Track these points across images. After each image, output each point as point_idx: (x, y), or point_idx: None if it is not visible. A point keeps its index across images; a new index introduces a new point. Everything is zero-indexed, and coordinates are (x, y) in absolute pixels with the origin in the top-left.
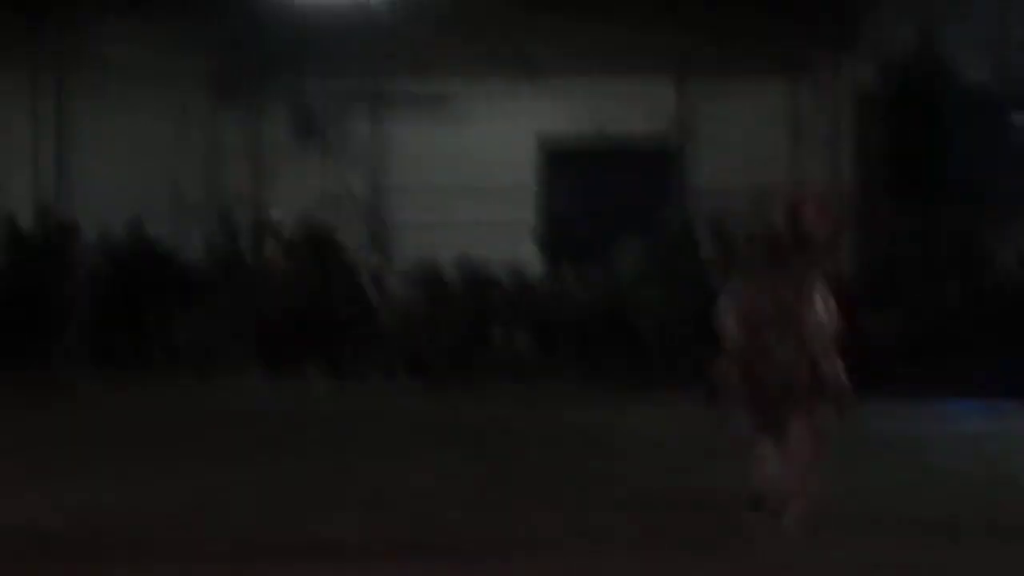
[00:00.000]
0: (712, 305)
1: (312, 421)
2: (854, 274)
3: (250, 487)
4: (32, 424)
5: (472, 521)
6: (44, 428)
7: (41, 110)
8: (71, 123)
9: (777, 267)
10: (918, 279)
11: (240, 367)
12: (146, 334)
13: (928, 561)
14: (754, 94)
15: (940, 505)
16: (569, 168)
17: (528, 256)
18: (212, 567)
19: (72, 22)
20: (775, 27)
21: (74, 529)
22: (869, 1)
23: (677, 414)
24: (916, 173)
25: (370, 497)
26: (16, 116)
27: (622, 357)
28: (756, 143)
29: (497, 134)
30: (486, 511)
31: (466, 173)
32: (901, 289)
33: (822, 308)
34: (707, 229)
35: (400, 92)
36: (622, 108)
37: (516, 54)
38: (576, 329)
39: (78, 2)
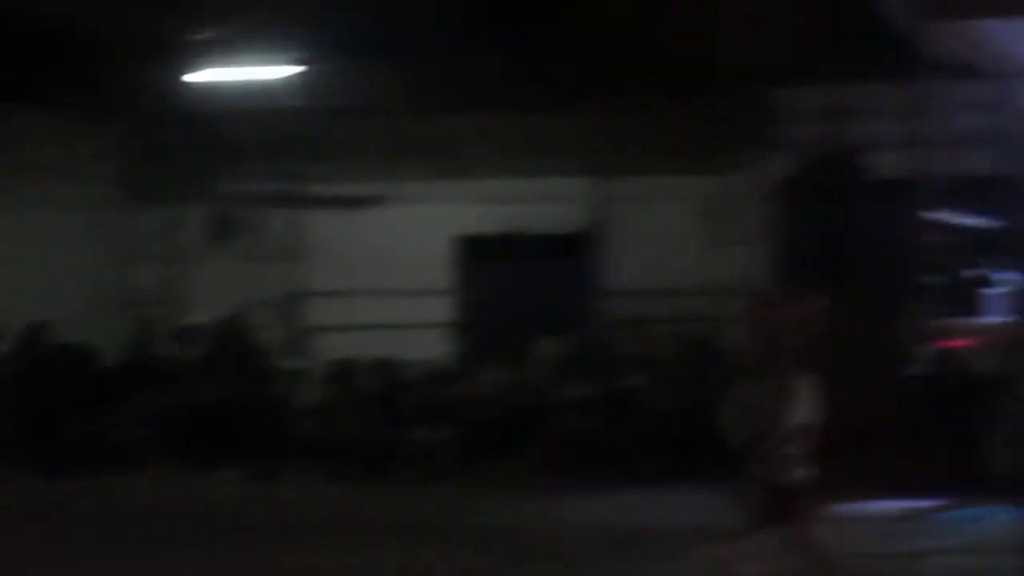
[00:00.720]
0: (629, 402)
1: (232, 519)
2: None
3: None
4: None
5: None
6: None
7: None
8: None
9: (767, 370)
10: (838, 373)
11: (158, 468)
12: (62, 437)
13: None
14: (672, 192)
15: None
16: (487, 267)
17: (447, 356)
18: None
19: None
20: (693, 124)
21: None
22: (788, 98)
23: (600, 509)
24: (828, 265)
25: None
26: None
27: (541, 454)
28: (675, 240)
29: (415, 234)
30: None
31: (385, 274)
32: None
33: (805, 409)
34: (626, 327)
35: (318, 194)
36: (540, 207)
37: (434, 154)
38: (495, 428)
39: None
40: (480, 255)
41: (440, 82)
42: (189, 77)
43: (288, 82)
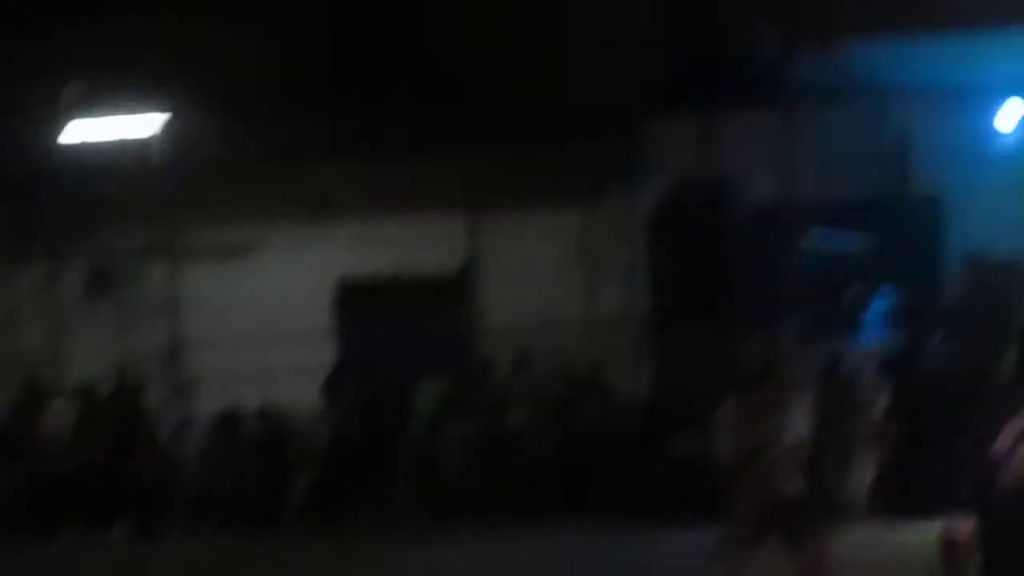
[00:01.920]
0: (514, 440)
1: None
2: (654, 403)
3: None
4: None
5: None
6: None
7: None
8: None
9: (757, 393)
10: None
11: (44, 531)
12: None
13: None
14: (547, 227)
15: None
16: (367, 310)
17: (329, 401)
18: None
19: None
20: (564, 159)
21: None
22: (659, 129)
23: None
24: (705, 296)
25: None
26: None
27: (427, 497)
28: (551, 277)
29: (294, 279)
30: None
31: (266, 320)
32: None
33: (800, 426)
34: (509, 365)
35: (195, 242)
36: (417, 248)
37: (310, 199)
38: (378, 472)
39: None
40: (359, 299)
41: (311, 128)
42: (58, 134)
43: (157, 134)
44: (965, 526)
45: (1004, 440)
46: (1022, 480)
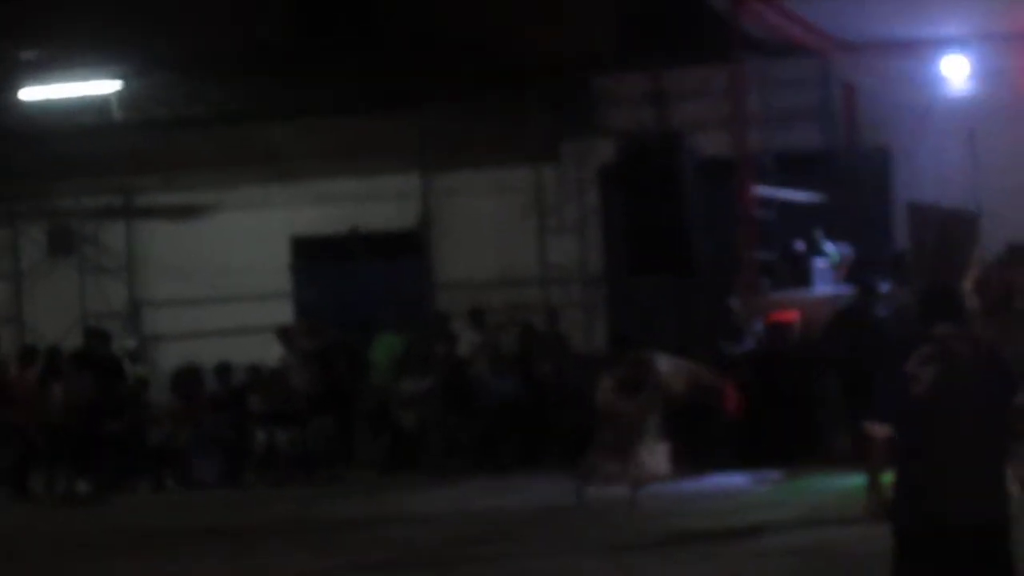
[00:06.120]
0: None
1: (84, 534)
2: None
3: None
4: None
5: None
6: None
7: None
8: None
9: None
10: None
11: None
12: None
13: None
14: (501, 183)
15: None
16: (323, 267)
17: (288, 357)
18: None
19: None
20: (516, 116)
21: None
22: (608, 84)
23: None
24: (659, 248)
25: None
26: None
27: (386, 447)
28: (506, 232)
29: (251, 239)
30: None
31: (224, 280)
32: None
33: None
34: (465, 319)
35: (152, 204)
36: (372, 205)
37: (265, 159)
38: (339, 424)
39: None
40: (316, 256)
41: (266, 88)
42: (15, 95)
43: (115, 96)
44: (884, 429)
45: (912, 364)
46: (924, 394)
